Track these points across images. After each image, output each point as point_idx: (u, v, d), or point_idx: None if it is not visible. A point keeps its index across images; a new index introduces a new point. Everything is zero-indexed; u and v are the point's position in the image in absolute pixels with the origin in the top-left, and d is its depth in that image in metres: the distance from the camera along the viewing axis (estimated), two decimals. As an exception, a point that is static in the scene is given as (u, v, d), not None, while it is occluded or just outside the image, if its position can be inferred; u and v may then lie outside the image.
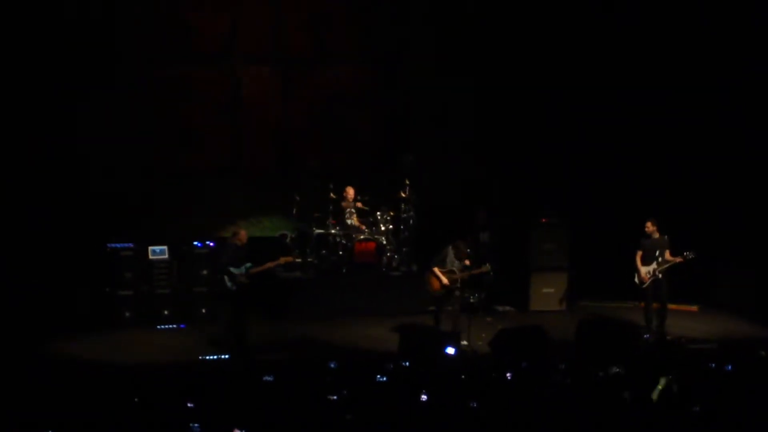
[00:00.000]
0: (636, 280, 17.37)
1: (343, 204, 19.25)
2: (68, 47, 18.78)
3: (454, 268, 16.46)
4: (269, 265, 16.15)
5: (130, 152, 19.37)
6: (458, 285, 16.64)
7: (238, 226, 16.68)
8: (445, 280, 16.41)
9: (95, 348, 16.42)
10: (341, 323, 18.10)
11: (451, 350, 14.57)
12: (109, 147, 19.12)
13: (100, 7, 19.09)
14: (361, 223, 19.32)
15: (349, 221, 19.18)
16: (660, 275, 17.14)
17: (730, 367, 12.69)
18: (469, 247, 16.80)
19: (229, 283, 15.85)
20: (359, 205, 19.30)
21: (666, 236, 17.22)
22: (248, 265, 15.92)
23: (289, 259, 16.61)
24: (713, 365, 12.94)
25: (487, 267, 16.68)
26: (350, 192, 19.30)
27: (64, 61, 18.76)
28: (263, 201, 20.23)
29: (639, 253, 17.30)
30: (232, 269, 15.83)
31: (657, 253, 17.11)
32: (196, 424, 10.22)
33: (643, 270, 17.20)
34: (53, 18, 18.71)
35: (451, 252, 16.48)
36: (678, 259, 17.03)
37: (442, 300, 16.64)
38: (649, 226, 17.23)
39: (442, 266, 16.52)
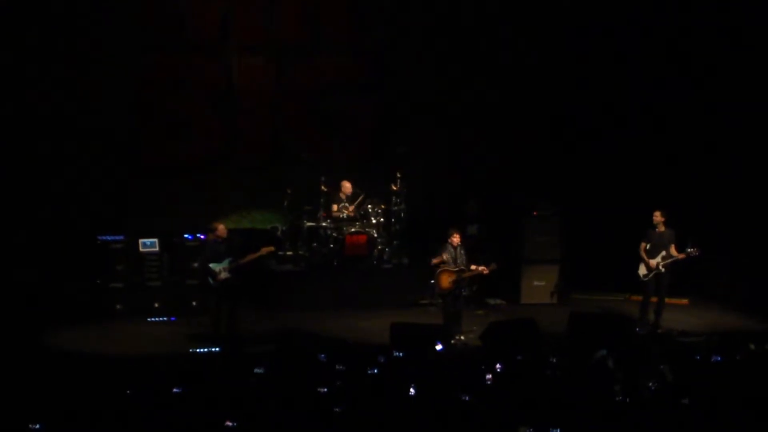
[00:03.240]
0: (640, 272, 17.25)
1: (340, 195, 19.21)
2: (56, 35, 18.70)
3: (461, 265, 16.39)
4: (251, 257, 16.17)
5: (120, 143, 19.31)
6: (466, 282, 16.62)
7: (217, 221, 16.63)
8: (452, 278, 16.36)
9: (86, 340, 16.40)
10: (332, 316, 18.09)
11: (438, 346, 14.57)
12: (98, 138, 19.04)
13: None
14: (356, 212, 19.24)
15: (343, 214, 19.13)
16: (663, 270, 17.09)
17: (719, 358, 12.73)
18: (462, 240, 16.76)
19: (210, 280, 15.87)
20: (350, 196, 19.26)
21: (672, 230, 17.16)
22: (230, 259, 15.91)
23: (271, 248, 16.61)
24: (703, 358, 12.98)
25: (493, 266, 16.63)
26: (347, 186, 19.26)
27: (53, 49, 18.69)
28: (254, 193, 20.19)
29: (643, 245, 17.21)
30: (211, 265, 15.83)
31: (663, 247, 17.05)
32: (187, 416, 10.24)
33: (653, 262, 17.11)
34: (40, 4, 18.62)
35: (450, 248, 16.42)
36: (681, 256, 16.96)
37: (449, 296, 16.58)
38: (658, 216, 17.06)
39: (444, 263, 16.45)
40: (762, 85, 18.85)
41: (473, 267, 16.48)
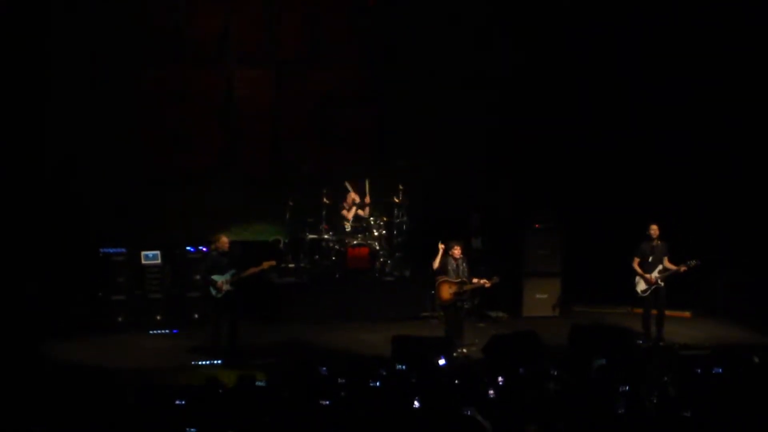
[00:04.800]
0: (638, 287, 17.23)
1: (345, 203, 19.23)
2: (57, 47, 18.71)
3: (462, 277, 16.39)
4: (252, 270, 16.17)
5: (122, 156, 19.29)
6: (467, 295, 16.63)
7: (219, 233, 16.64)
8: (453, 290, 16.35)
9: (88, 352, 16.37)
10: (334, 328, 18.08)
11: (441, 361, 14.50)
12: (100, 150, 19.02)
13: (90, 8, 19.00)
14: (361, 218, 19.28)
15: (348, 223, 19.14)
16: (662, 283, 17.08)
17: (720, 370, 12.69)
18: (463, 252, 16.75)
19: (213, 291, 15.86)
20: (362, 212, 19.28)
21: (665, 242, 17.16)
22: (232, 271, 15.89)
23: (273, 263, 16.63)
24: (705, 371, 12.95)
25: (495, 279, 16.64)
26: (352, 196, 19.26)
27: (53, 62, 18.70)
28: (256, 205, 20.18)
29: (636, 260, 17.20)
30: (214, 277, 15.81)
31: (659, 260, 17.04)
32: (192, 429, 10.21)
33: (651, 276, 17.08)
34: (42, 17, 18.64)
35: (452, 261, 16.41)
36: (682, 268, 16.95)
37: (450, 309, 16.56)
38: (655, 230, 17.06)
39: (445, 275, 16.43)
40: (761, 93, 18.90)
41: (475, 280, 16.48)
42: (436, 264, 16.51)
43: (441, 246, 16.54)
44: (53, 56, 18.79)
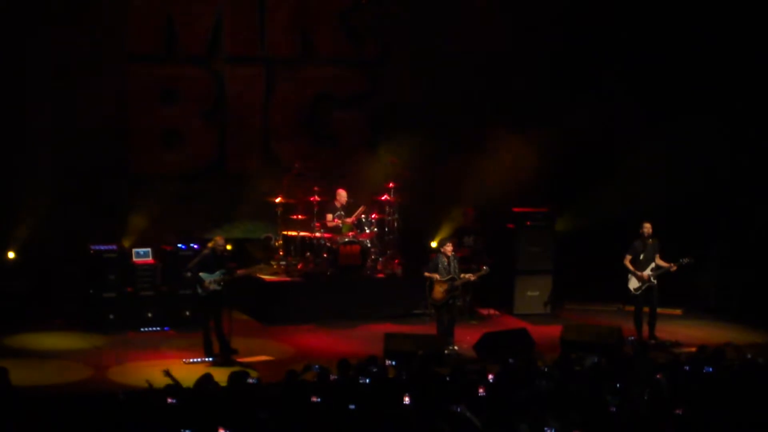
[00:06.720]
0: (630, 285, 17.23)
1: (335, 203, 19.20)
2: (48, 45, 18.64)
3: (454, 274, 16.37)
4: (243, 272, 16.12)
5: (112, 153, 19.24)
6: (458, 291, 16.63)
7: (218, 234, 16.57)
8: (444, 287, 16.33)
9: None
10: (325, 325, 18.07)
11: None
12: (90, 147, 18.95)
13: (83, 3, 18.94)
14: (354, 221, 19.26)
15: (340, 222, 19.11)
16: (654, 281, 17.08)
17: (711, 369, 12.74)
18: (455, 249, 16.77)
19: (199, 289, 15.80)
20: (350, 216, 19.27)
21: (657, 240, 17.17)
22: (222, 271, 15.81)
23: (262, 267, 16.60)
24: (696, 368, 12.98)
25: (485, 270, 16.65)
26: (342, 194, 19.24)
27: (45, 59, 18.64)
28: (247, 202, 20.12)
29: (629, 258, 17.19)
30: (201, 275, 15.74)
31: (651, 258, 17.04)
32: (187, 430, 10.22)
33: (645, 274, 17.07)
34: (33, 13, 18.59)
35: (443, 258, 16.40)
36: (673, 267, 16.96)
37: (442, 306, 16.54)
38: (648, 228, 17.06)
39: (435, 273, 16.41)
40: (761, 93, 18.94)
41: (462, 275, 16.48)
42: (429, 274, 16.47)
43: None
44: (45, 53, 18.70)
